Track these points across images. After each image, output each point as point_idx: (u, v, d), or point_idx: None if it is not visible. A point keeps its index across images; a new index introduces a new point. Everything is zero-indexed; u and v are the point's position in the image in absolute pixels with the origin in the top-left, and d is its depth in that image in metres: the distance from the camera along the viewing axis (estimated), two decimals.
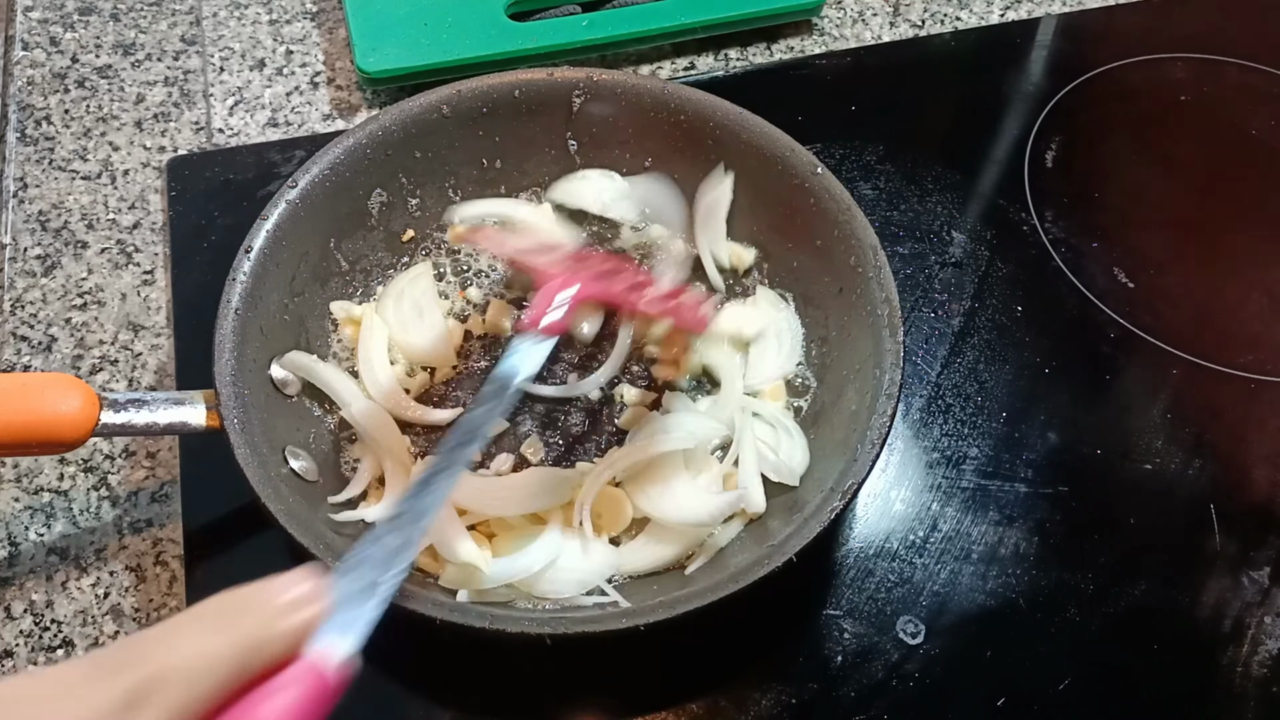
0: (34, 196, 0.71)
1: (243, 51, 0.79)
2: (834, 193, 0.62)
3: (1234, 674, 0.56)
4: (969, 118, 0.80)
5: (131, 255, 0.69)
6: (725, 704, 0.54)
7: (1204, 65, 0.83)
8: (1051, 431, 0.64)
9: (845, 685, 0.55)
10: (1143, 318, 0.69)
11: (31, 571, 0.57)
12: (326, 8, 0.82)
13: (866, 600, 0.57)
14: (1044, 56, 0.83)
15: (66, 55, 0.79)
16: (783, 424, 0.60)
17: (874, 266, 0.59)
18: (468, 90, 0.66)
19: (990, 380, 0.66)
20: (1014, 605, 0.58)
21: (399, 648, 0.55)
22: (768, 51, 0.81)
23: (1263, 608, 0.58)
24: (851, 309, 0.60)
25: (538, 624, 0.49)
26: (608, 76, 0.67)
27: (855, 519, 0.60)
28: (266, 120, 0.76)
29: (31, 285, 0.67)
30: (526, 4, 0.79)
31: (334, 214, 0.63)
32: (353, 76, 0.78)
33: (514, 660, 0.54)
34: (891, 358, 0.56)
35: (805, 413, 0.62)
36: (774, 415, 0.60)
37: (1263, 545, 0.61)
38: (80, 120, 0.75)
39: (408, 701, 0.54)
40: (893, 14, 0.85)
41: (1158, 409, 0.65)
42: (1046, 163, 0.77)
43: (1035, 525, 0.60)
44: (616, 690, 0.55)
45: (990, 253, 0.72)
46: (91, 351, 0.65)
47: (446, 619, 0.48)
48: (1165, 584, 0.59)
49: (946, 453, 0.63)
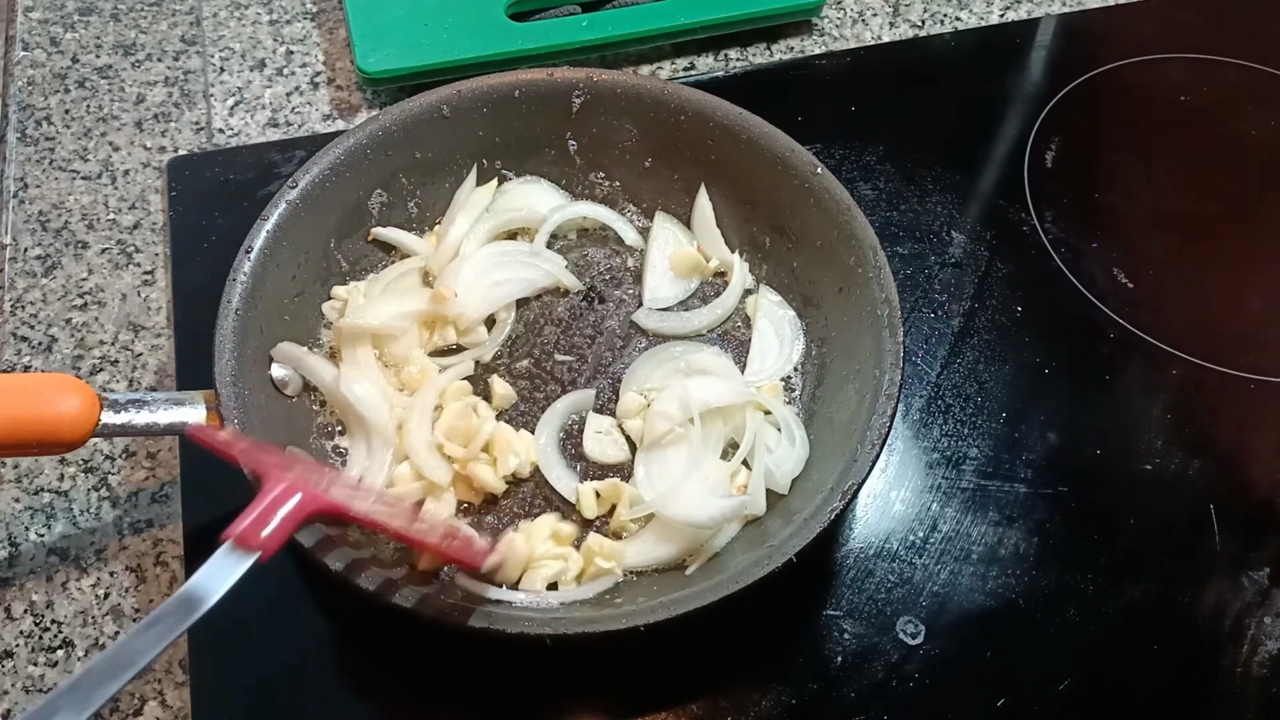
0: (34, 197, 0.71)
1: (243, 52, 0.79)
2: (834, 193, 0.62)
3: (1234, 674, 0.56)
4: (969, 118, 0.80)
5: (132, 255, 0.69)
6: (725, 704, 0.54)
7: (1204, 65, 0.83)
8: (1051, 431, 0.64)
9: (845, 686, 0.55)
10: (1143, 318, 0.69)
11: (32, 572, 0.57)
12: (327, 8, 0.82)
13: (866, 600, 0.57)
14: (1044, 56, 0.83)
15: (67, 55, 0.79)
16: (789, 427, 0.60)
17: (874, 267, 0.59)
18: (468, 90, 0.66)
19: (990, 380, 0.66)
20: (1014, 605, 0.58)
21: (400, 648, 0.55)
22: (768, 51, 0.81)
23: (1263, 608, 0.58)
24: (851, 309, 0.60)
25: (537, 624, 0.49)
26: (607, 77, 0.67)
27: (855, 519, 0.60)
28: (267, 120, 0.76)
29: (32, 285, 0.67)
30: (526, 4, 0.79)
31: (334, 214, 0.63)
32: (353, 77, 0.78)
33: (513, 661, 0.54)
34: (891, 358, 0.56)
35: (804, 413, 0.62)
36: (785, 418, 0.60)
37: (1263, 545, 0.61)
38: (80, 120, 0.75)
39: (407, 701, 0.54)
40: (893, 14, 0.85)
41: (1158, 409, 0.65)
42: (1046, 163, 0.77)
43: (1035, 525, 0.60)
44: (616, 691, 0.55)
45: (990, 253, 0.72)
46: (92, 352, 0.65)
47: (448, 620, 0.48)
48: (1165, 584, 0.59)
49: (946, 453, 0.63)
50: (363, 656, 0.56)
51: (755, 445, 0.58)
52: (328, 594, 0.56)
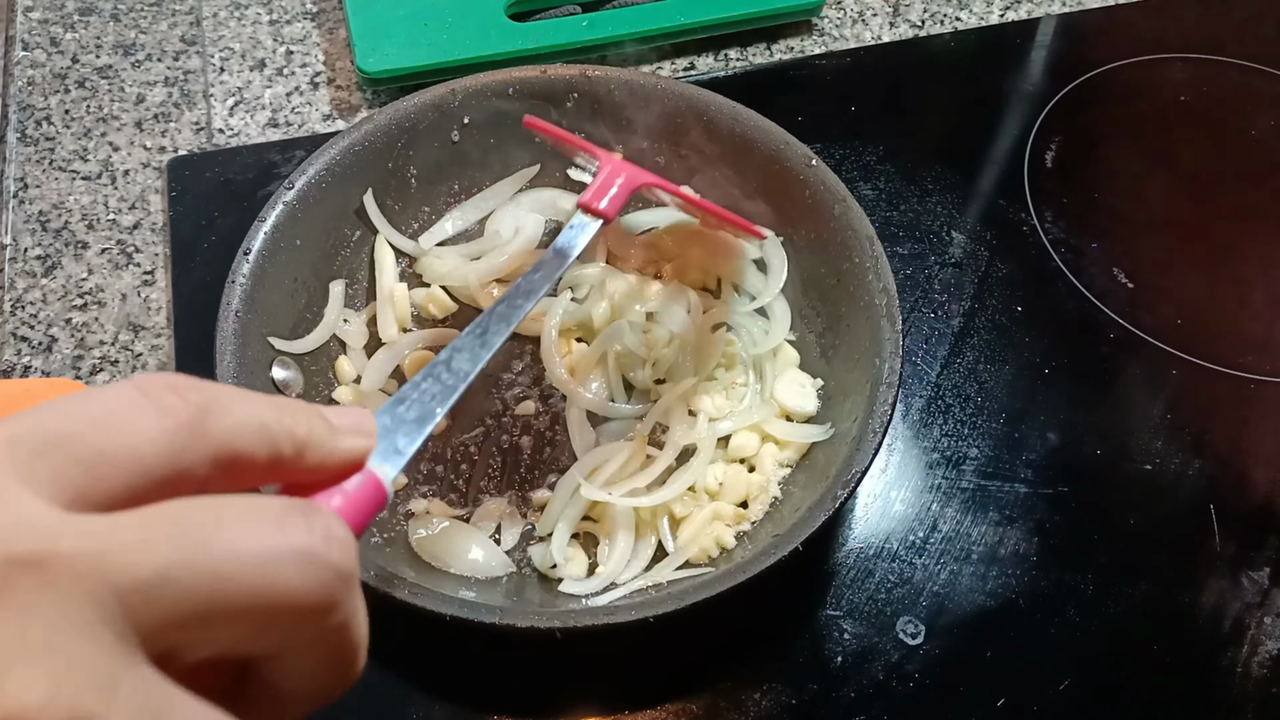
0: (34, 197, 0.71)
1: (243, 52, 0.79)
2: (829, 184, 0.62)
3: (1234, 674, 0.56)
4: (969, 118, 0.80)
5: (132, 255, 0.69)
6: (725, 704, 0.54)
7: (1204, 65, 0.83)
8: (1051, 431, 0.64)
9: (845, 685, 0.55)
10: (1143, 318, 0.69)
11: None
12: (326, 8, 0.82)
13: (866, 600, 0.57)
14: (1044, 56, 0.83)
15: (67, 55, 0.79)
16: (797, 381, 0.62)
17: (871, 257, 0.60)
18: (461, 89, 0.66)
19: (990, 380, 0.66)
20: (1014, 605, 0.58)
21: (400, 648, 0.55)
22: (768, 51, 0.81)
23: (1263, 608, 0.58)
24: (849, 299, 0.61)
25: (547, 618, 0.49)
26: (601, 72, 0.67)
27: (855, 519, 0.60)
28: (267, 120, 0.76)
29: (32, 285, 0.67)
30: (526, 4, 0.79)
31: (332, 214, 0.63)
32: (353, 77, 0.78)
33: (511, 658, 0.54)
34: (890, 346, 0.56)
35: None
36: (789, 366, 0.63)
37: (1263, 545, 0.61)
38: (80, 120, 0.75)
39: (406, 696, 0.54)
40: (893, 14, 0.85)
41: (1158, 409, 0.66)
42: (1046, 163, 0.77)
43: (1035, 525, 0.60)
44: (616, 691, 0.55)
45: (990, 253, 0.72)
46: (92, 352, 0.65)
47: (456, 615, 0.48)
48: (1165, 584, 0.59)
49: (946, 453, 0.63)
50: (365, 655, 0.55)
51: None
52: None
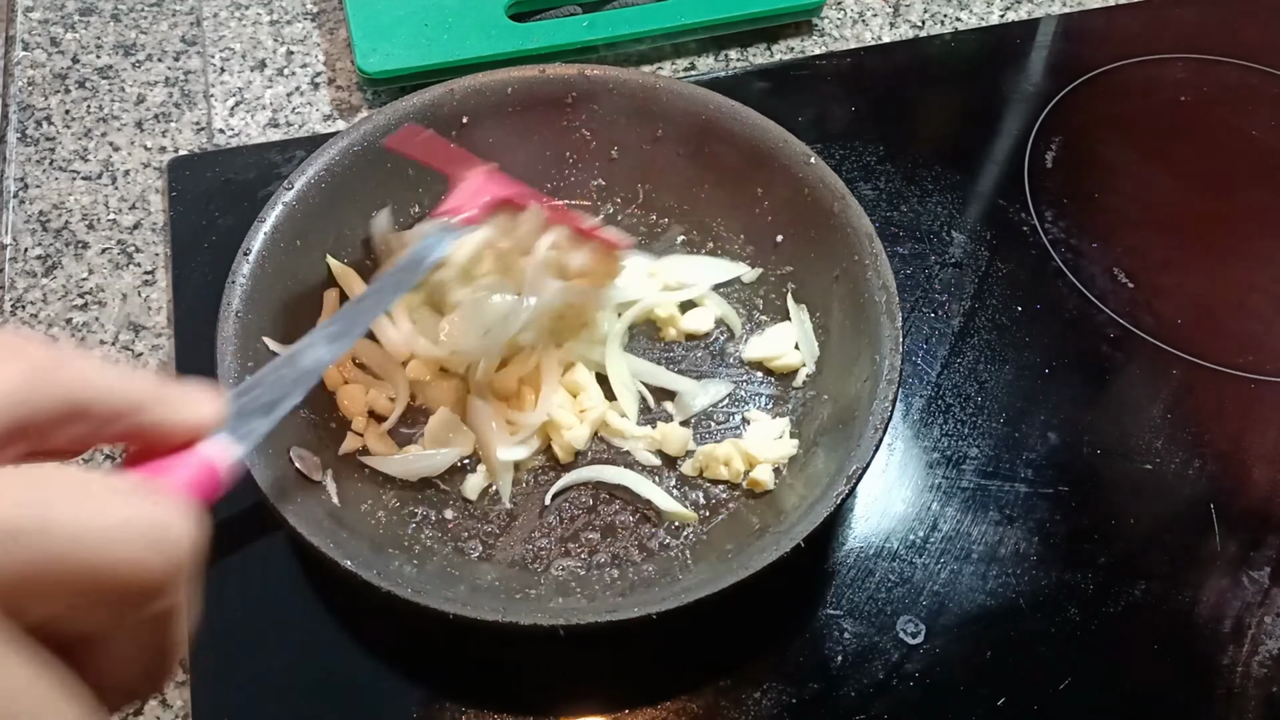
0: (34, 197, 0.71)
1: (243, 52, 0.79)
2: (828, 182, 0.62)
3: (1234, 674, 0.56)
4: (969, 118, 0.80)
5: (132, 255, 0.69)
6: (725, 704, 0.54)
7: (1204, 65, 0.83)
8: (1051, 431, 0.64)
9: (845, 685, 0.55)
10: (1143, 318, 0.69)
11: None
12: (327, 8, 0.82)
13: (866, 600, 0.57)
14: (1044, 57, 0.83)
15: (67, 56, 0.79)
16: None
17: (870, 253, 0.60)
18: (461, 89, 0.66)
19: (990, 380, 0.66)
20: (1014, 605, 0.58)
21: (400, 646, 0.55)
22: (768, 52, 0.81)
23: (1263, 608, 0.58)
24: (849, 296, 0.61)
25: (550, 615, 0.49)
26: (600, 72, 0.67)
27: (855, 519, 0.60)
28: (267, 121, 0.76)
29: (32, 285, 0.67)
30: (527, 4, 0.79)
31: (332, 214, 0.63)
32: (353, 77, 0.78)
33: (512, 656, 0.55)
34: (890, 343, 0.56)
35: (806, 401, 0.62)
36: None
37: (1263, 545, 0.61)
38: (81, 120, 0.75)
39: (407, 693, 0.54)
40: (893, 15, 0.85)
41: (1158, 409, 0.66)
42: (1046, 163, 0.77)
43: (1035, 525, 0.60)
44: (615, 690, 0.55)
45: (990, 253, 0.72)
46: (92, 352, 0.65)
47: (460, 614, 0.48)
48: (1165, 584, 0.59)
49: (946, 453, 0.63)
50: (366, 655, 0.55)
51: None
52: (329, 592, 0.56)
